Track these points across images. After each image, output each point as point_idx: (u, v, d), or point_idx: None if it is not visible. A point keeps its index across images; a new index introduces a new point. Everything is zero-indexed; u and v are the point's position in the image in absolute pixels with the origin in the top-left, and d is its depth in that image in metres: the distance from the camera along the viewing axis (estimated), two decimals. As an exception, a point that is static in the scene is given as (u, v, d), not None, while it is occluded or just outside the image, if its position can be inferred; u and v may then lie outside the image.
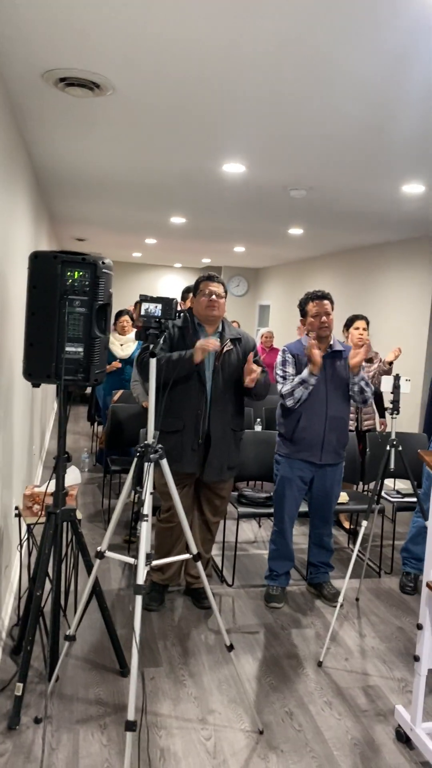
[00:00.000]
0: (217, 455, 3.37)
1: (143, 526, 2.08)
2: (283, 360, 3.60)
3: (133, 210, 6.20)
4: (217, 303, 3.32)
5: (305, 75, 2.48)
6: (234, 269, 12.82)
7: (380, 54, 2.25)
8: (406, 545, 4.05)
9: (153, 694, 2.81)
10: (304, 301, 3.60)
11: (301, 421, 3.53)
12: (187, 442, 3.32)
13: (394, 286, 7.12)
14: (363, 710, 2.79)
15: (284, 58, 2.32)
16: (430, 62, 2.30)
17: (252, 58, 2.35)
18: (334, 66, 2.37)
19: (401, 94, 2.63)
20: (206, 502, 3.53)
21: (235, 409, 3.44)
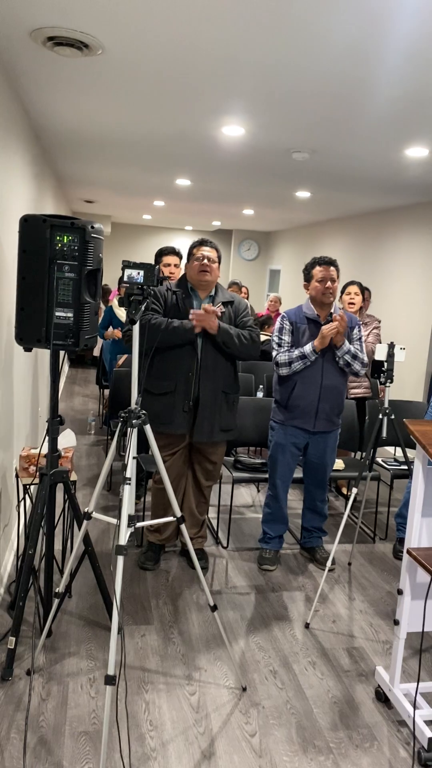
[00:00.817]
0: (207, 416, 3.39)
1: (125, 489, 2.13)
2: (280, 327, 3.59)
3: (138, 171, 6.13)
4: (209, 267, 3.32)
5: (301, 38, 2.42)
6: (244, 233, 12.67)
7: (376, 15, 2.18)
8: (400, 511, 4.08)
9: (142, 650, 2.90)
10: (310, 266, 3.57)
11: (296, 389, 3.55)
12: (178, 403, 3.35)
13: (403, 251, 7.01)
14: (345, 670, 2.86)
15: (281, 16, 2.26)
16: (412, 25, 2.23)
17: (246, 17, 2.29)
18: (330, 26, 2.31)
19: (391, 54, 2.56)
20: (198, 466, 3.58)
21: (228, 372, 3.45)
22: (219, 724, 2.47)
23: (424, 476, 2.45)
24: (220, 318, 3.37)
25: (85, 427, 6.78)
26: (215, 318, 3.25)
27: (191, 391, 3.37)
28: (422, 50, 2.50)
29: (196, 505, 3.66)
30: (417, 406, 4.77)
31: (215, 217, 10.44)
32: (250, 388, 5.47)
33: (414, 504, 2.47)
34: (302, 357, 3.47)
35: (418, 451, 2.44)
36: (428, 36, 2.36)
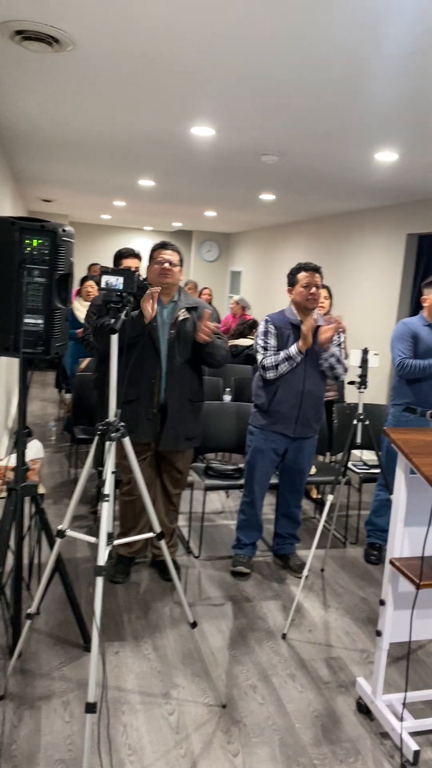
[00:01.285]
0: (174, 425, 3.31)
1: (104, 507, 2.03)
2: (265, 330, 3.55)
3: (101, 171, 5.99)
4: (169, 271, 3.23)
5: (277, 36, 2.36)
6: (205, 234, 12.61)
7: (350, 18, 2.14)
8: (369, 518, 4.08)
9: (117, 668, 2.80)
10: (295, 270, 3.53)
11: (277, 394, 3.50)
12: (141, 411, 3.26)
13: (366, 254, 7.06)
14: (325, 682, 2.82)
15: (255, 17, 2.20)
16: (401, 27, 2.20)
17: (222, 18, 2.22)
18: (304, 30, 2.26)
19: (376, 59, 2.53)
20: (166, 474, 3.49)
21: (193, 379, 3.38)
22: (200, 745, 2.39)
23: (406, 485, 2.42)
24: (183, 323, 3.28)
25: (45, 434, 6.60)
26: (210, 326, 3.17)
27: (155, 399, 3.28)
28: (399, 56, 2.47)
29: (166, 514, 3.56)
30: (384, 409, 4.78)
31: (176, 218, 10.35)
32: (218, 391, 5.41)
33: (396, 514, 2.44)
34: (288, 358, 3.43)
35: (400, 460, 2.41)
36: (406, 42, 2.33)
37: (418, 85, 2.79)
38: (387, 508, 3.98)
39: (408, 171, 4.69)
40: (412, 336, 3.69)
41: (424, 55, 2.46)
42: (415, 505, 2.47)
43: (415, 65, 2.57)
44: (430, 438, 2.47)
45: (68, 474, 5.32)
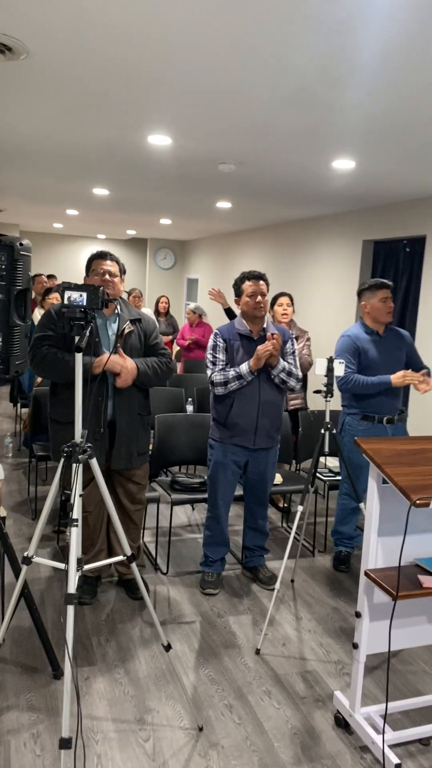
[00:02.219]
0: (125, 442, 3.22)
1: (73, 532, 1.94)
2: (214, 344, 3.49)
3: (53, 180, 5.87)
4: (110, 282, 3.15)
5: (233, 47, 2.33)
6: (160, 241, 12.54)
7: (312, 29, 2.12)
8: (335, 528, 4.07)
9: (88, 695, 2.70)
10: (239, 280, 3.49)
11: (234, 407, 3.45)
12: (88, 431, 3.15)
13: (323, 260, 7.11)
14: (302, 697, 2.78)
15: (213, 28, 2.16)
16: (364, 39, 2.20)
17: (178, 26, 2.17)
18: (264, 39, 2.23)
19: (333, 70, 2.52)
20: (121, 489, 3.37)
21: (141, 394, 3.30)
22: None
23: (378, 495, 2.41)
24: (128, 336, 3.20)
25: (1, 450, 6.41)
26: (130, 364, 3.09)
27: (102, 417, 3.17)
28: (358, 66, 2.47)
29: (127, 532, 3.45)
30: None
31: (130, 226, 10.25)
32: (181, 402, 5.34)
33: (370, 524, 2.42)
34: (238, 377, 3.38)
35: (372, 470, 2.40)
36: (366, 52, 2.33)
37: (378, 94, 2.81)
38: (352, 515, 3.98)
39: (365, 178, 4.73)
40: (356, 349, 3.71)
41: (383, 65, 2.47)
42: (387, 514, 2.46)
43: (374, 76, 2.58)
44: (400, 447, 2.46)
45: (27, 492, 5.16)
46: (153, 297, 12.09)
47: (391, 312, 3.72)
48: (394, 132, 3.40)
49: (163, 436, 4.16)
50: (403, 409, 3.85)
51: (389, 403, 3.72)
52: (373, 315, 3.72)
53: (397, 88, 2.72)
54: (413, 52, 2.33)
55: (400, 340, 3.81)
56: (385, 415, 3.72)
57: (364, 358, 3.69)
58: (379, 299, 3.69)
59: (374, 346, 3.71)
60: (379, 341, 3.74)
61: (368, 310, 3.74)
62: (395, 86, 2.70)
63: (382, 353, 3.71)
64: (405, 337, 3.84)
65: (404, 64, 2.45)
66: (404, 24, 2.09)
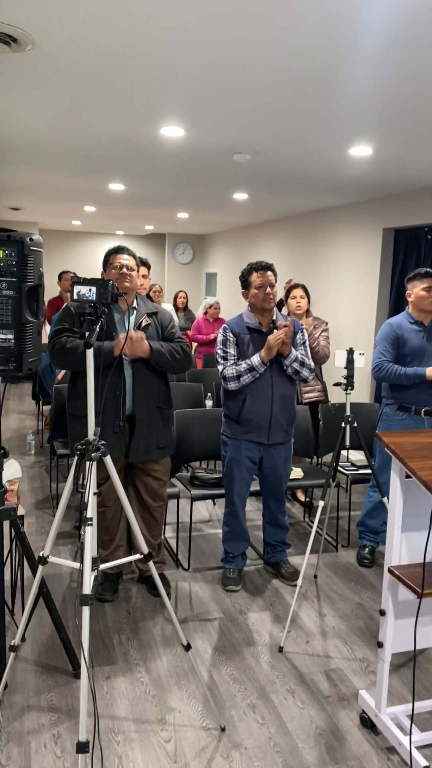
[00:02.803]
0: (144, 434, 3.18)
1: (87, 531, 1.90)
2: (224, 339, 3.43)
3: (69, 177, 5.85)
4: (128, 276, 3.11)
5: (246, 32, 2.26)
6: (178, 236, 12.49)
7: (323, 12, 2.04)
8: (362, 520, 4.00)
9: (109, 695, 2.67)
10: (246, 272, 3.42)
11: (246, 403, 3.39)
12: (107, 425, 3.12)
13: (343, 251, 7.00)
14: (326, 696, 2.72)
15: (222, 16, 2.09)
16: (375, 21, 2.11)
17: (187, 15, 2.11)
18: (275, 24, 2.16)
19: (347, 54, 2.44)
20: (142, 485, 3.33)
21: (160, 386, 3.25)
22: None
23: (402, 490, 2.33)
24: (146, 330, 3.17)
25: (24, 447, 6.43)
26: (144, 341, 3.05)
27: (120, 410, 3.14)
28: (373, 47, 2.39)
29: (149, 530, 3.42)
30: (370, 408, 4.71)
31: (148, 221, 10.21)
32: (200, 398, 5.30)
33: (393, 520, 2.35)
34: (251, 369, 3.32)
35: (395, 464, 2.32)
36: (380, 34, 2.24)
37: (393, 76, 2.71)
38: (380, 509, 3.90)
39: (383, 165, 4.62)
40: (396, 338, 3.62)
41: (398, 47, 2.38)
42: (411, 509, 2.38)
43: (389, 57, 2.49)
44: (423, 440, 2.39)
45: (49, 489, 5.17)
46: (172, 292, 12.04)
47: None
48: (412, 115, 3.30)
49: (181, 432, 4.12)
50: None
51: (426, 394, 3.62)
52: (417, 304, 3.64)
53: (409, 71, 2.62)
54: (422, 35, 2.23)
55: None
56: (423, 407, 3.63)
57: (404, 347, 3.61)
58: (422, 288, 3.60)
59: (417, 336, 3.62)
60: (423, 332, 3.64)
61: (412, 299, 3.66)
62: (407, 70, 2.60)
63: (425, 344, 3.61)
64: None
65: (415, 48, 2.35)
66: (412, 7, 2.00)
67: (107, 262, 3.18)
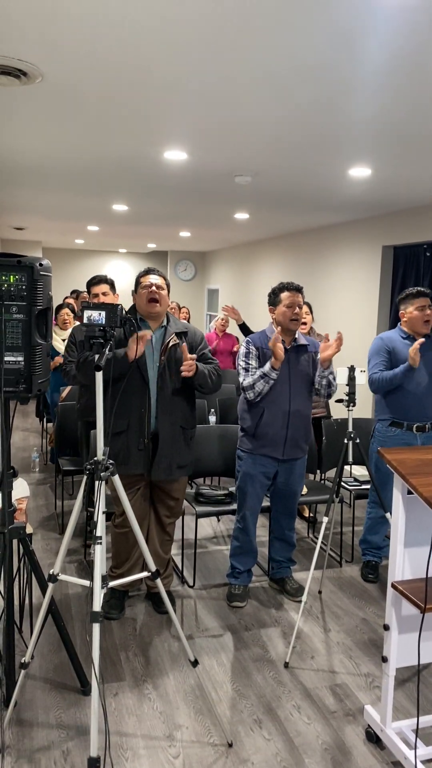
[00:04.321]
0: (166, 454, 3.24)
1: (97, 549, 1.95)
2: (246, 351, 3.50)
3: (73, 198, 5.95)
4: (158, 294, 3.18)
5: (246, 60, 2.34)
6: (180, 253, 12.62)
7: (324, 37, 2.13)
8: (364, 536, 4.03)
9: (117, 711, 2.70)
10: (278, 290, 3.49)
11: (264, 417, 3.44)
12: (132, 442, 3.19)
13: (343, 267, 7.09)
14: (332, 711, 2.75)
15: (223, 45, 2.18)
16: (375, 45, 2.20)
17: (189, 45, 2.20)
18: (277, 50, 2.24)
19: (347, 78, 2.52)
20: (160, 503, 3.41)
21: (185, 407, 3.31)
22: (209, 789, 2.30)
23: (404, 506, 2.38)
24: (174, 349, 3.23)
25: (28, 465, 6.48)
26: (193, 362, 3.12)
27: (145, 428, 3.21)
28: (372, 73, 2.47)
29: (161, 545, 3.48)
30: (371, 424, 4.76)
31: (150, 240, 10.33)
32: (203, 413, 5.35)
33: (396, 535, 2.39)
34: (263, 376, 3.38)
35: (397, 480, 2.37)
36: (379, 61, 2.33)
37: (392, 101, 2.80)
38: (381, 524, 3.94)
39: (381, 185, 4.71)
40: (387, 351, 3.68)
41: (396, 73, 2.46)
42: (413, 524, 2.42)
43: (389, 82, 2.57)
44: (425, 456, 2.44)
45: (54, 506, 5.21)
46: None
47: (429, 321, 3.67)
48: (410, 137, 3.38)
49: (186, 449, 4.16)
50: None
51: (418, 409, 3.67)
52: (410, 324, 3.70)
53: (409, 94, 2.70)
54: (422, 59, 2.32)
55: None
56: (414, 422, 3.68)
57: (396, 359, 3.66)
58: (416, 308, 3.66)
59: (408, 349, 3.67)
60: None
61: (406, 318, 3.72)
62: (406, 93, 2.69)
63: None
64: None
65: (414, 71, 2.44)
66: (412, 31, 2.08)
67: (138, 283, 3.27)
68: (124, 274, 14.00)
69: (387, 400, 3.73)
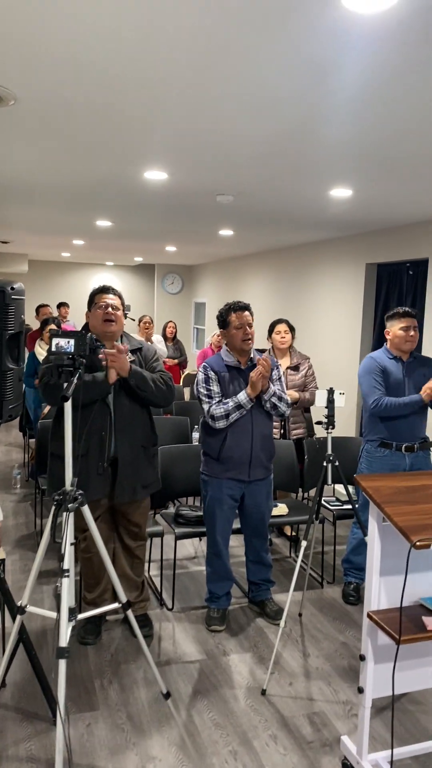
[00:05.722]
0: (128, 475, 3.17)
1: (64, 583, 1.91)
2: (206, 377, 3.46)
3: (56, 213, 5.93)
4: (114, 315, 3.14)
5: (223, 86, 2.33)
6: (167, 267, 12.61)
7: (297, 68, 2.12)
8: (347, 557, 4.00)
9: (89, 743, 2.64)
10: (225, 312, 3.47)
11: (227, 440, 3.41)
12: (92, 466, 3.11)
13: (327, 284, 7.10)
14: (308, 741, 2.70)
15: (199, 70, 2.17)
16: (348, 75, 2.19)
17: (166, 70, 2.18)
18: (253, 78, 2.24)
19: (321, 106, 2.52)
20: (123, 528, 3.34)
21: (144, 425, 3.26)
22: None
23: (379, 534, 2.35)
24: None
25: (9, 481, 6.40)
26: (126, 358, 3.05)
27: (105, 452, 3.14)
28: (346, 100, 2.47)
29: (131, 567, 3.40)
30: (354, 442, 4.74)
31: (137, 254, 10.32)
32: (186, 431, 5.31)
33: (371, 564, 2.36)
34: (238, 407, 3.35)
35: (372, 509, 2.34)
36: (352, 89, 2.33)
37: (368, 125, 2.80)
38: (364, 545, 3.91)
39: (363, 205, 4.72)
40: (381, 371, 3.67)
41: (370, 101, 2.46)
42: (390, 552, 2.40)
43: (362, 110, 2.57)
44: (400, 484, 2.41)
45: (34, 525, 5.14)
46: (162, 321, 12.12)
47: (413, 341, 3.66)
48: (388, 159, 3.39)
49: (167, 468, 4.13)
50: (426, 438, 3.76)
51: (407, 429, 3.65)
52: (395, 343, 3.69)
53: (384, 121, 2.71)
54: (394, 88, 2.32)
55: (425, 368, 3.74)
56: (403, 443, 3.66)
57: (388, 379, 3.66)
58: (400, 328, 3.66)
59: (397, 370, 3.67)
60: (402, 367, 3.69)
61: (390, 337, 3.71)
62: (381, 119, 2.69)
63: (404, 379, 3.66)
64: (431, 366, 3.78)
65: (388, 99, 2.44)
66: (384, 61, 2.08)
67: (92, 301, 3.22)
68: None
69: (381, 421, 3.70)
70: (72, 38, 1.96)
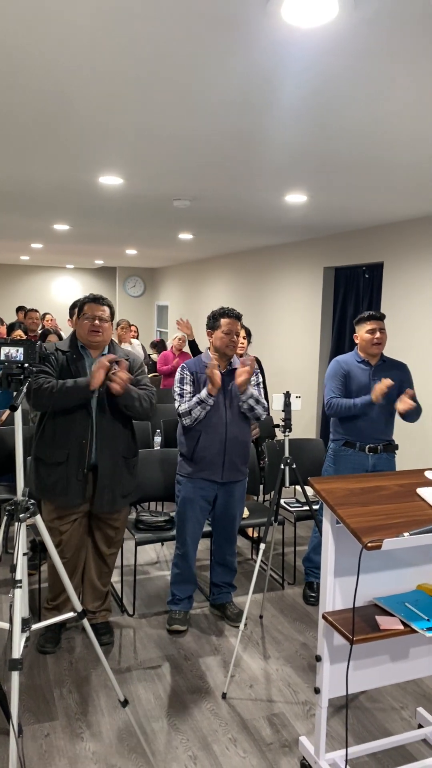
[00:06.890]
0: (108, 485, 3.19)
1: (16, 594, 1.89)
2: (181, 377, 3.49)
3: (13, 217, 5.85)
4: (100, 328, 3.14)
5: (174, 95, 2.35)
6: (129, 269, 12.56)
7: (242, 73, 2.15)
8: (308, 555, 4.05)
9: (47, 754, 2.62)
10: (218, 314, 3.49)
11: (201, 441, 3.43)
12: (72, 473, 3.12)
13: (286, 286, 7.17)
14: (268, 743, 2.72)
15: (152, 79, 2.18)
16: (293, 79, 2.23)
17: (123, 72, 2.18)
18: (200, 85, 2.25)
19: (266, 113, 2.55)
20: (99, 533, 3.35)
21: (126, 435, 3.27)
22: None
23: (333, 536, 2.39)
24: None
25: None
26: (127, 377, 3.07)
27: (86, 459, 3.15)
28: (291, 108, 2.51)
29: (99, 577, 3.41)
30: (314, 444, 4.80)
31: (98, 257, 10.26)
32: (147, 436, 5.29)
33: (326, 566, 2.40)
34: (199, 402, 3.37)
35: (326, 510, 2.38)
36: (305, 95, 2.36)
37: (316, 131, 2.84)
38: (321, 546, 3.95)
39: (318, 210, 4.79)
40: (344, 375, 3.73)
41: (315, 109, 2.50)
42: (344, 553, 2.44)
43: (306, 117, 2.61)
44: (353, 486, 2.46)
45: (-6, 534, 5.05)
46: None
47: (380, 344, 3.72)
48: (339, 166, 3.45)
49: (126, 474, 4.11)
50: (391, 441, 3.82)
51: (370, 431, 3.71)
52: (363, 346, 3.76)
53: (329, 129, 2.75)
54: (338, 97, 2.36)
55: (393, 372, 3.80)
56: (366, 443, 3.72)
57: (351, 383, 3.71)
58: (366, 331, 3.72)
59: (364, 374, 3.73)
60: (369, 370, 3.75)
61: (358, 341, 3.77)
62: (326, 127, 2.74)
63: (370, 383, 3.72)
64: (401, 369, 3.83)
65: (332, 108, 2.49)
66: (325, 71, 2.12)
67: (81, 310, 3.19)
68: (72, 291, 13.83)
69: (341, 421, 3.77)
70: (18, 44, 1.95)
